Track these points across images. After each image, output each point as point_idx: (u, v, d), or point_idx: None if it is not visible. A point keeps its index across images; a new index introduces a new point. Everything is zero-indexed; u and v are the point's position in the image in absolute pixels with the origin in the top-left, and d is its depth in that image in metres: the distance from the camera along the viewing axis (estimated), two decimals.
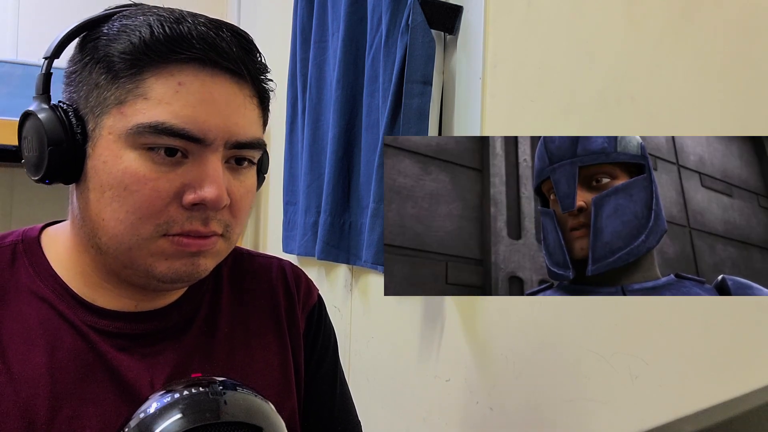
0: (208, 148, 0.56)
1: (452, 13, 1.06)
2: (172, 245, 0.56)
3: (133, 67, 0.55)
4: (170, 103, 0.54)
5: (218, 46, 0.56)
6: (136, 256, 0.57)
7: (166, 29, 0.55)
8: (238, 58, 0.57)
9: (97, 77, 0.56)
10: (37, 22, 1.97)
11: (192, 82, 0.55)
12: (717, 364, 0.67)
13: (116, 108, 0.55)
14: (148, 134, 0.54)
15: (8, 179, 1.89)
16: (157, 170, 0.55)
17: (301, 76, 1.51)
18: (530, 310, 0.90)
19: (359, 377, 1.32)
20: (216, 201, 0.56)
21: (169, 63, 0.55)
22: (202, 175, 0.56)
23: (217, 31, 0.56)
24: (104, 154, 0.56)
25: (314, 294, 0.78)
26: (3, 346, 0.57)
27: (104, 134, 0.56)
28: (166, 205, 0.55)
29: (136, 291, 0.62)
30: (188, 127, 0.54)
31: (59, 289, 0.61)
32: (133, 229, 0.55)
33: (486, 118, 1.00)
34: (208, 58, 0.55)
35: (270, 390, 0.68)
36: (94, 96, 0.56)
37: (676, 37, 0.72)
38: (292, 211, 1.58)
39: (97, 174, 0.56)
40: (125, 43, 0.55)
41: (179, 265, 0.58)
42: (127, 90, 0.55)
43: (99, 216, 0.56)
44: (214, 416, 0.51)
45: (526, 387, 0.91)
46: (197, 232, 0.57)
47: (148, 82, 0.55)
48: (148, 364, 0.61)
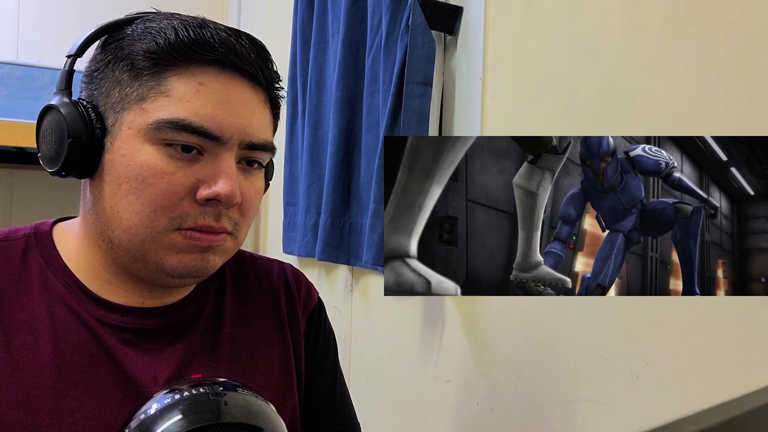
0: (224, 147, 0.58)
1: (452, 14, 1.06)
2: (185, 239, 0.58)
3: (156, 66, 0.57)
4: (191, 101, 0.57)
5: (238, 51, 0.59)
6: (149, 249, 0.58)
7: (190, 32, 0.57)
8: (256, 63, 0.60)
9: (120, 74, 0.58)
10: (37, 24, 1.97)
11: (212, 82, 0.58)
12: (717, 364, 0.67)
13: (137, 104, 0.57)
14: (168, 130, 0.56)
15: (8, 179, 1.89)
16: (173, 165, 0.57)
17: (301, 77, 1.51)
18: (530, 310, 0.90)
19: (359, 377, 1.32)
20: (229, 196, 0.58)
21: (191, 64, 0.57)
22: (216, 172, 0.58)
23: (237, 38, 0.59)
24: (123, 147, 0.57)
25: (314, 296, 0.79)
26: (9, 336, 0.58)
27: (124, 129, 0.57)
28: (180, 200, 0.57)
29: (143, 288, 0.63)
30: (207, 125, 0.57)
31: (69, 282, 0.62)
32: (148, 222, 0.57)
33: (486, 118, 1.00)
34: (228, 60, 0.58)
35: (272, 389, 0.69)
36: (116, 92, 0.58)
37: (676, 37, 0.72)
38: (292, 212, 1.58)
39: (114, 167, 0.58)
40: (150, 43, 0.57)
41: (189, 260, 0.59)
42: (149, 87, 0.57)
43: (114, 208, 0.58)
44: (215, 417, 0.52)
45: (527, 387, 0.91)
46: (209, 227, 0.58)
47: (170, 81, 0.57)
48: (153, 360, 0.62)
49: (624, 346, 0.77)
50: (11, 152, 1.70)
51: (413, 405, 1.15)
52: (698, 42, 0.70)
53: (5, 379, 0.56)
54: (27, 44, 1.95)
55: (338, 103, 1.30)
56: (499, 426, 0.95)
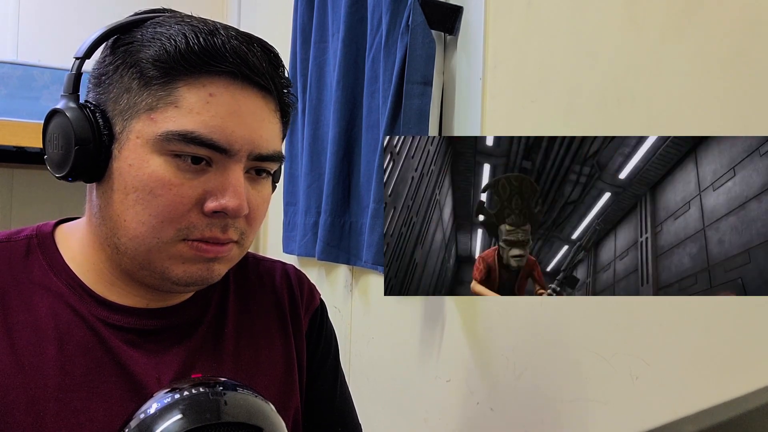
0: (232, 159, 0.58)
1: (452, 14, 1.06)
2: (191, 250, 0.58)
3: (166, 75, 0.56)
4: (200, 113, 0.56)
5: (250, 61, 0.57)
6: (155, 258, 0.58)
7: (201, 41, 0.56)
8: (267, 73, 0.59)
9: (129, 82, 0.57)
10: (37, 23, 1.97)
11: (222, 94, 0.57)
12: (717, 364, 0.67)
13: (146, 113, 0.56)
14: (177, 142, 0.55)
15: (8, 179, 1.89)
16: (181, 176, 0.56)
17: (301, 77, 1.51)
18: (530, 310, 0.90)
19: (359, 377, 1.32)
20: (237, 210, 0.57)
21: (201, 74, 0.56)
22: (224, 184, 0.57)
23: (249, 46, 0.58)
24: (131, 157, 0.57)
25: (317, 297, 0.79)
26: (13, 337, 0.58)
27: (132, 138, 0.57)
28: (187, 211, 0.57)
29: (147, 291, 0.63)
30: (216, 138, 0.56)
31: (72, 283, 0.61)
32: (155, 232, 0.57)
33: (486, 118, 1.00)
34: (239, 72, 0.57)
35: (275, 390, 0.69)
36: (125, 99, 0.57)
37: (676, 37, 0.72)
38: (292, 211, 1.58)
39: (121, 176, 0.57)
40: (160, 50, 0.56)
41: (195, 270, 0.59)
42: (158, 97, 0.56)
43: (121, 217, 0.57)
44: (215, 417, 0.51)
45: (527, 387, 0.91)
46: (216, 238, 0.58)
47: (180, 91, 0.56)
48: (156, 361, 0.62)
49: (624, 346, 0.77)
50: (11, 152, 1.70)
51: (413, 405, 1.15)
52: (698, 42, 0.70)
53: (11, 381, 0.56)
54: (27, 44, 1.95)
55: (338, 103, 1.30)
56: (499, 426, 0.95)
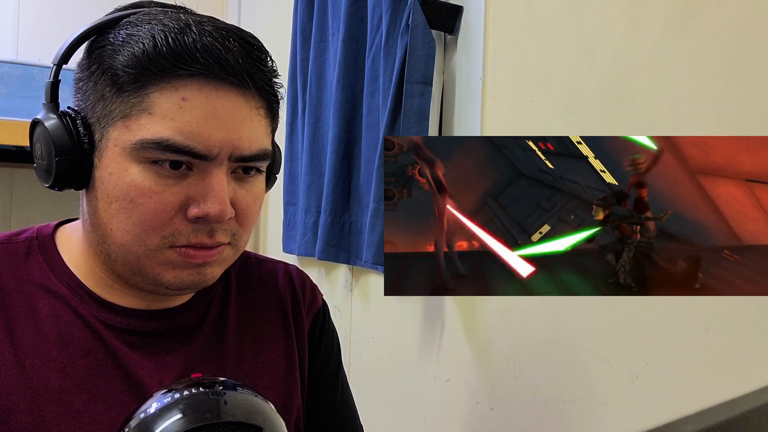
0: (213, 163, 0.56)
1: (452, 14, 1.06)
2: (179, 256, 0.57)
3: (137, 81, 0.54)
4: (174, 118, 0.54)
5: (223, 60, 0.54)
6: (145, 265, 0.57)
7: (170, 41, 0.53)
8: (244, 69, 0.56)
9: (102, 89, 0.56)
10: (37, 22, 1.97)
11: (196, 96, 0.54)
12: (717, 364, 0.67)
13: (121, 121, 0.55)
14: (153, 150, 0.54)
15: (8, 179, 1.89)
16: (162, 183, 0.55)
17: (301, 77, 1.51)
18: (530, 310, 0.90)
19: (359, 377, 1.32)
20: (219, 216, 0.56)
21: (173, 77, 0.54)
22: (206, 189, 0.55)
23: (224, 41, 0.55)
24: (110, 165, 0.56)
25: (319, 298, 0.79)
26: (15, 339, 0.58)
27: (110, 146, 0.56)
28: (171, 218, 0.56)
29: (146, 293, 0.63)
30: (192, 144, 0.54)
31: (73, 285, 0.61)
32: (140, 240, 0.56)
33: (486, 118, 1.00)
34: (212, 72, 0.54)
35: (277, 391, 0.69)
36: (100, 107, 0.56)
37: (676, 37, 0.72)
38: (292, 211, 1.58)
39: (103, 185, 0.56)
40: (128, 55, 0.54)
41: (186, 275, 0.58)
42: (131, 104, 0.54)
43: (107, 225, 0.57)
44: (215, 416, 0.51)
45: (527, 387, 0.91)
46: (203, 244, 0.57)
47: (153, 97, 0.54)
48: (158, 363, 0.62)
49: (624, 346, 0.77)
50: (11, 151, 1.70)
51: (413, 404, 1.15)
52: (698, 42, 0.70)
53: (12, 382, 0.56)
54: (27, 43, 1.95)
55: (338, 102, 1.30)
56: (499, 426, 0.95)
